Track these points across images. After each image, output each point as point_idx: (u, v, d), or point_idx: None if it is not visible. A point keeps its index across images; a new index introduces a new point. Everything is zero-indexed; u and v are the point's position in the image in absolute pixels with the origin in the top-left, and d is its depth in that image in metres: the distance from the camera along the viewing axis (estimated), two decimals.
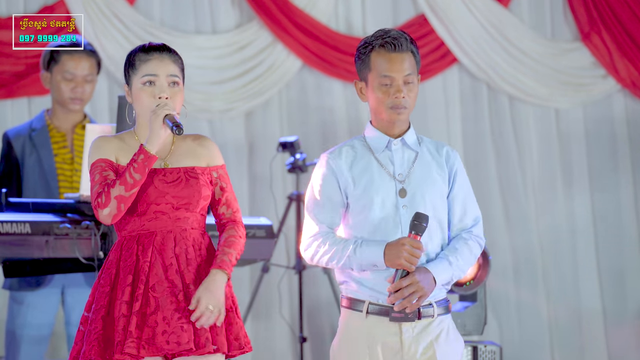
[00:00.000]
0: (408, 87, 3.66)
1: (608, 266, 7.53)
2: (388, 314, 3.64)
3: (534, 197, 7.47)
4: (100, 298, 3.56)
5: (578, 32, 7.55)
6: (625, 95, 7.61)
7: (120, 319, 3.50)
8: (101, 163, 3.59)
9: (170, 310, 3.52)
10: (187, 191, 3.61)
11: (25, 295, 5.24)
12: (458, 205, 3.72)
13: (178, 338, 3.50)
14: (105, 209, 3.52)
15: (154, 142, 3.56)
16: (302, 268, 6.54)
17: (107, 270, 3.60)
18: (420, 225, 3.57)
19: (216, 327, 3.56)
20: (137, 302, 3.51)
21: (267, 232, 5.03)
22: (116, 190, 3.51)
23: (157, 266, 3.56)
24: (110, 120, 6.54)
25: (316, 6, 7.20)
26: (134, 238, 3.59)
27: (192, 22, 7.09)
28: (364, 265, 3.63)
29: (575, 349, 7.46)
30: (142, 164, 3.52)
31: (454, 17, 7.32)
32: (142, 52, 3.65)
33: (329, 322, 7.13)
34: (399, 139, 3.71)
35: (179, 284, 3.56)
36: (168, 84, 3.63)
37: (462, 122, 7.44)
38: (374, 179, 3.67)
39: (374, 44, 3.68)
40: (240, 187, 7.07)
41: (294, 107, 7.25)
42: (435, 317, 3.67)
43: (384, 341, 3.65)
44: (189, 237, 3.62)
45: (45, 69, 5.45)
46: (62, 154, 5.42)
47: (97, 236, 4.60)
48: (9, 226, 4.55)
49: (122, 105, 4.58)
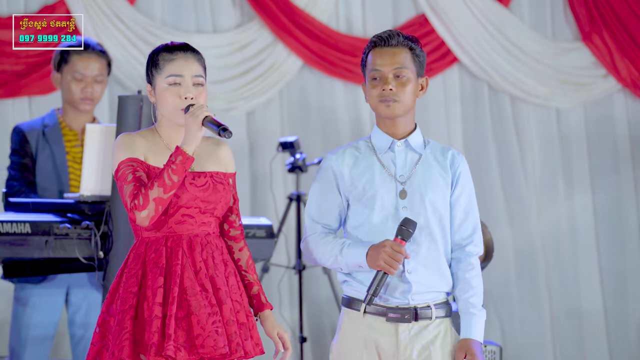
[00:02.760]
0: (399, 80, 3.67)
1: (609, 266, 7.53)
2: (385, 314, 3.65)
3: (535, 197, 7.47)
4: (127, 298, 3.51)
5: (578, 32, 7.55)
6: (626, 95, 7.61)
7: (153, 320, 3.46)
8: (132, 162, 3.53)
9: (204, 314, 3.49)
10: (214, 196, 3.59)
11: (30, 295, 5.23)
12: (460, 209, 3.72)
13: (214, 342, 3.47)
14: (144, 211, 3.46)
15: (191, 143, 3.50)
16: (302, 268, 6.54)
17: (131, 270, 3.55)
18: (406, 231, 3.57)
19: (244, 331, 3.57)
20: (172, 305, 3.47)
21: (267, 232, 5.03)
22: (155, 192, 3.45)
23: (188, 269, 3.53)
24: (110, 120, 6.54)
25: (317, 6, 7.20)
26: (161, 240, 3.56)
27: (192, 22, 7.09)
28: (350, 265, 3.64)
29: (576, 348, 7.46)
30: (181, 165, 3.48)
31: (454, 16, 7.32)
32: (165, 51, 3.63)
33: (329, 322, 7.13)
34: (402, 141, 3.72)
35: (209, 288, 3.53)
36: (193, 84, 3.60)
37: (462, 121, 7.44)
38: (375, 179, 3.68)
39: (370, 44, 3.73)
40: (240, 187, 7.07)
41: (295, 107, 7.26)
42: (433, 320, 3.67)
43: (381, 341, 3.66)
44: (212, 241, 3.61)
45: (56, 70, 5.45)
46: (74, 152, 5.41)
47: (97, 236, 4.60)
48: (9, 226, 4.55)
49: (122, 105, 4.58)
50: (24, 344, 5.23)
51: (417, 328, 3.65)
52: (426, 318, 3.66)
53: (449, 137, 7.36)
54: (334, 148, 7.07)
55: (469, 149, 7.41)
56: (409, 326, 3.65)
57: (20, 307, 5.25)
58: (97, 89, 5.45)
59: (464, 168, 3.75)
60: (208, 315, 3.49)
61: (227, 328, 3.52)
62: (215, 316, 3.50)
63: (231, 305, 3.55)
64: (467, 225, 3.73)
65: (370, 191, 3.67)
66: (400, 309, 3.65)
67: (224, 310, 3.53)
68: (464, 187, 3.73)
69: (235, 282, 3.62)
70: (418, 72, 3.72)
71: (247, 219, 5.09)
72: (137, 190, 3.47)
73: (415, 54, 3.71)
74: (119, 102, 4.60)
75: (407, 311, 3.65)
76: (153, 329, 3.45)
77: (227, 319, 3.53)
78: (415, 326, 3.65)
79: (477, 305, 3.69)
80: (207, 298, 3.52)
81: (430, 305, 3.66)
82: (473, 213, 3.75)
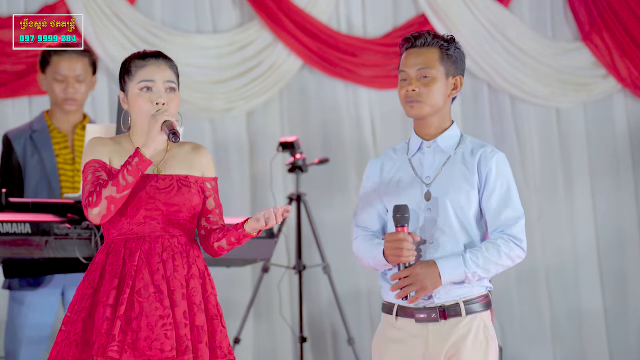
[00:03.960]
0: (423, 81, 3.69)
1: (609, 266, 7.53)
2: (414, 316, 3.66)
3: (535, 197, 7.47)
4: (82, 299, 3.56)
5: (578, 32, 7.55)
6: (626, 95, 7.61)
7: (103, 321, 3.49)
8: (94, 163, 3.60)
9: (154, 316, 3.51)
10: (178, 198, 3.60)
11: (26, 295, 5.23)
12: (491, 207, 3.68)
13: (161, 345, 3.49)
14: (95, 208, 3.52)
15: (150, 146, 3.55)
16: (302, 268, 6.53)
17: (91, 272, 3.60)
18: (402, 217, 3.59)
19: (199, 334, 3.55)
20: (122, 305, 3.50)
21: (267, 232, 5.04)
22: (108, 190, 3.51)
23: (143, 271, 3.55)
24: (110, 121, 6.54)
25: (317, 6, 7.20)
26: (122, 242, 3.59)
27: (192, 22, 7.09)
28: (379, 264, 3.68)
29: (576, 349, 7.46)
30: (136, 167, 3.52)
31: (454, 16, 7.32)
32: (137, 58, 3.66)
33: (329, 322, 7.13)
34: (431, 141, 3.73)
35: (164, 289, 3.55)
36: (165, 89, 3.63)
37: (463, 121, 7.44)
38: (404, 181, 3.71)
39: (400, 46, 3.77)
40: (240, 186, 7.08)
41: (295, 107, 7.25)
42: (464, 316, 3.65)
43: (412, 342, 3.66)
44: (176, 243, 3.61)
45: (41, 71, 5.46)
46: (64, 155, 5.41)
47: (97, 236, 4.60)
48: (9, 226, 4.55)
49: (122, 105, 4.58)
50: (20, 345, 5.23)
51: (448, 326, 3.64)
52: (456, 315, 3.64)
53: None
54: (334, 148, 7.17)
55: None
56: (439, 325, 3.64)
57: (16, 307, 5.26)
58: (80, 89, 5.44)
59: (495, 165, 3.69)
60: (159, 317, 3.51)
61: (177, 331, 3.52)
62: (166, 318, 3.51)
63: (185, 308, 3.55)
64: (502, 219, 3.68)
65: (399, 192, 3.69)
66: (426, 309, 3.65)
67: (176, 312, 3.54)
68: (495, 184, 3.68)
69: (198, 285, 3.61)
70: (448, 72, 3.73)
71: None
72: (93, 188, 3.54)
73: (446, 53, 3.73)
74: (119, 102, 4.60)
75: (433, 310, 3.64)
76: (102, 330, 3.49)
77: (179, 321, 3.53)
78: (446, 324, 3.64)
79: (470, 260, 3.62)
80: (161, 300, 3.53)
81: (459, 302, 3.65)
82: (509, 207, 3.69)
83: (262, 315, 7.03)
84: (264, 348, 7.06)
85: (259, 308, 6.96)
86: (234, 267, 5.94)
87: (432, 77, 3.69)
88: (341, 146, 7.24)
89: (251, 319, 6.88)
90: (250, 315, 6.71)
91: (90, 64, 5.48)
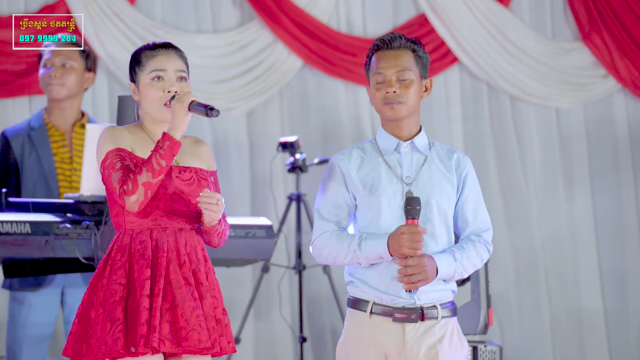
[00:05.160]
0: (402, 83, 3.70)
1: (609, 266, 7.53)
2: (392, 315, 3.65)
3: (535, 197, 7.47)
4: (117, 290, 3.53)
5: (578, 32, 7.55)
6: (626, 95, 7.61)
7: (142, 312, 3.49)
8: (120, 152, 3.57)
9: (189, 308, 3.53)
10: (198, 192, 3.60)
11: (26, 295, 5.24)
12: (468, 210, 3.75)
13: (198, 336, 3.51)
14: (133, 195, 3.50)
15: (178, 128, 3.55)
16: (302, 268, 6.53)
17: (116, 262, 3.57)
18: (414, 209, 3.59)
19: (220, 327, 3.59)
20: (158, 297, 3.50)
21: (267, 232, 5.03)
22: (144, 176, 3.49)
23: (173, 262, 3.57)
24: (110, 121, 6.54)
25: (317, 6, 7.20)
26: (146, 232, 3.59)
27: (193, 22, 7.09)
28: (370, 258, 3.65)
29: (576, 348, 7.46)
30: (169, 150, 3.52)
31: (454, 16, 7.32)
32: (147, 49, 3.68)
33: (329, 322, 7.13)
34: (408, 142, 3.75)
35: (192, 282, 3.57)
36: (176, 78, 3.65)
37: (462, 121, 7.44)
38: (382, 180, 3.70)
39: (373, 47, 3.76)
40: (241, 186, 7.08)
41: (295, 107, 7.26)
42: (439, 319, 3.68)
43: (387, 341, 3.66)
44: (194, 236, 3.64)
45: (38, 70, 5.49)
46: (61, 154, 5.41)
47: (97, 236, 4.60)
48: (9, 226, 4.55)
49: (122, 105, 4.58)
50: (21, 344, 5.23)
51: (423, 328, 3.66)
52: (432, 318, 3.67)
53: (449, 137, 7.36)
54: (334, 148, 7.16)
55: (469, 148, 7.41)
56: (416, 326, 3.65)
57: (16, 307, 5.26)
58: (67, 76, 5.40)
59: (470, 170, 3.78)
60: (192, 309, 3.53)
61: (207, 323, 3.55)
62: (198, 310, 3.53)
63: (210, 301, 3.59)
64: (478, 224, 3.77)
65: (377, 192, 3.69)
66: (406, 309, 3.66)
67: (204, 305, 3.57)
68: (471, 189, 3.77)
69: (213, 279, 3.65)
70: (421, 74, 3.76)
71: (247, 219, 5.09)
72: (125, 176, 3.51)
73: (418, 55, 3.75)
74: (119, 102, 4.61)
75: (414, 311, 3.65)
76: (142, 321, 3.48)
77: (207, 314, 3.57)
78: (422, 326, 3.66)
79: (459, 260, 3.66)
80: (191, 292, 3.55)
81: (436, 305, 3.67)
82: (483, 213, 3.79)
83: (262, 315, 7.03)
84: (264, 348, 7.06)
85: (259, 308, 6.96)
86: (234, 267, 5.94)
87: (411, 79, 3.72)
88: (341, 146, 7.23)
89: (251, 319, 6.88)
90: (250, 315, 6.72)
91: (83, 56, 5.46)
